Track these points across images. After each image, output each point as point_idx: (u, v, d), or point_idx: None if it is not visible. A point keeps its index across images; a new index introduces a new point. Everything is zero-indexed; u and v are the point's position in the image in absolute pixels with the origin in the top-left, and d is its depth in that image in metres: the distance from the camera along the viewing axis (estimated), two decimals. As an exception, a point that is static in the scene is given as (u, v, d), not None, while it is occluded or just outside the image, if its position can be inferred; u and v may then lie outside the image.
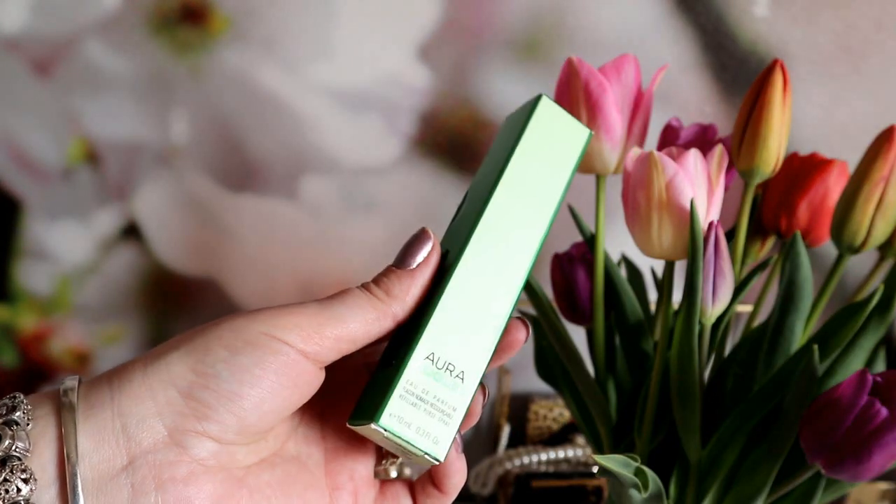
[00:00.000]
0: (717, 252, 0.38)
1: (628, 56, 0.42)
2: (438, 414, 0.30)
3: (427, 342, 0.30)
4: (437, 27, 0.67)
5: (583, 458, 0.69)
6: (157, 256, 0.72)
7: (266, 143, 0.70)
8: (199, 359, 0.28)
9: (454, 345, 0.31)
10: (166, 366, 0.28)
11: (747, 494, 0.41)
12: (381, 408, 0.29)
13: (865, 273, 0.43)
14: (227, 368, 0.28)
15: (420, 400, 0.30)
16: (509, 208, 0.33)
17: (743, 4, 0.67)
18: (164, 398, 0.28)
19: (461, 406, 0.30)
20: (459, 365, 0.31)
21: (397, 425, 0.29)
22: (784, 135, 0.40)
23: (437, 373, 0.30)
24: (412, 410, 0.30)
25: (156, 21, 0.67)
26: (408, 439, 0.30)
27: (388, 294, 0.31)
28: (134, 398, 0.28)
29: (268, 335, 0.29)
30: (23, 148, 0.69)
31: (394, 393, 0.30)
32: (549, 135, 0.34)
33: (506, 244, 0.32)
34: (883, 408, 0.35)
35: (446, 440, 0.30)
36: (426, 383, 0.30)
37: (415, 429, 0.30)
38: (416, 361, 0.30)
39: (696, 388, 0.40)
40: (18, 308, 0.72)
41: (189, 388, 0.28)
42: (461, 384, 0.31)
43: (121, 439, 0.28)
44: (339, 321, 0.30)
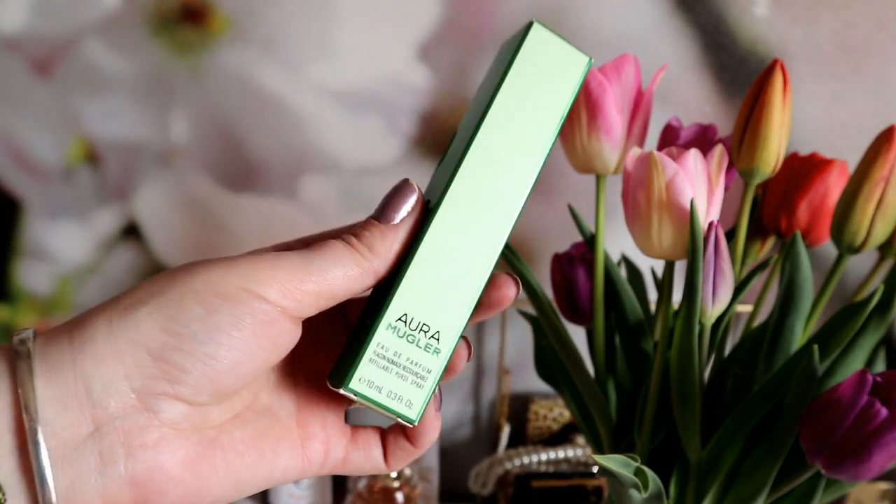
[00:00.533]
0: (717, 252, 0.38)
1: (628, 56, 0.42)
2: (411, 377, 0.29)
3: (399, 303, 0.29)
4: (437, 27, 0.67)
5: (583, 458, 0.69)
6: (157, 256, 0.72)
7: (266, 143, 0.70)
8: (172, 316, 0.26)
9: (429, 304, 0.29)
10: (134, 323, 0.26)
11: (747, 494, 0.41)
12: (350, 372, 0.29)
13: (865, 273, 0.43)
14: (202, 328, 0.26)
15: (391, 363, 0.29)
16: (494, 152, 0.30)
17: (743, 4, 0.67)
18: (132, 360, 0.26)
19: (436, 368, 0.29)
20: (434, 325, 0.29)
21: (367, 389, 0.29)
22: (784, 135, 0.40)
23: (410, 334, 0.29)
24: (383, 374, 0.29)
25: (156, 21, 0.67)
26: (380, 402, 0.29)
27: (371, 250, 0.29)
28: (98, 359, 0.26)
29: (246, 290, 0.27)
30: (23, 148, 0.69)
31: (363, 357, 0.29)
32: (541, 65, 0.31)
33: (489, 192, 0.30)
34: (883, 408, 0.35)
35: (420, 402, 0.29)
36: (398, 345, 0.29)
37: (386, 392, 0.29)
38: (387, 323, 0.29)
39: (696, 388, 0.40)
40: (18, 308, 0.72)
41: (160, 350, 0.26)
42: (436, 344, 0.29)
43: (85, 404, 0.25)
44: (321, 276, 0.28)
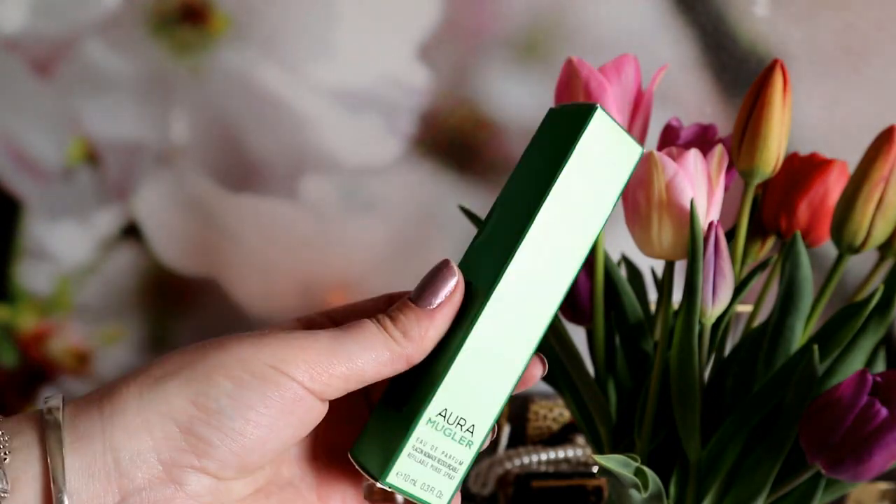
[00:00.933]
0: (717, 252, 0.38)
1: (628, 56, 0.42)
2: (445, 469, 0.29)
3: (441, 398, 0.28)
4: (437, 27, 0.67)
5: (583, 458, 0.69)
6: (157, 256, 0.72)
7: (266, 143, 0.70)
8: (201, 391, 0.27)
9: (469, 399, 0.29)
10: (164, 396, 0.26)
11: (747, 494, 0.41)
12: (389, 466, 0.28)
13: (865, 273, 0.43)
14: (230, 404, 0.27)
15: (428, 457, 0.29)
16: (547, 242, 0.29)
17: (743, 4, 0.67)
18: (161, 433, 0.26)
19: (468, 460, 0.29)
20: (471, 419, 0.29)
21: (403, 483, 0.28)
22: (784, 135, 0.40)
23: (448, 428, 0.29)
24: (419, 468, 0.29)
25: (156, 21, 0.67)
26: (413, 494, 0.29)
27: (405, 335, 0.29)
28: (128, 431, 0.26)
29: (275, 369, 0.27)
30: (23, 148, 0.69)
31: (402, 451, 0.28)
32: (600, 154, 0.30)
33: (538, 283, 0.29)
34: (883, 408, 0.35)
35: (449, 493, 0.29)
36: (436, 440, 0.29)
37: (420, 485, 0.29)
38: (428, 418, 0.28)
39: (696, 388, 0.40)
40: (18, 308, 0.72)
41: (189, 423, 0.26)
42: (470, 437, 0.29)
43: (112, 475, 0.26)
44: (350, 360, 0.28)
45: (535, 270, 0.29)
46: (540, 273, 0.29)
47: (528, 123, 0.70)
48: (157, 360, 0.28)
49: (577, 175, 0.29)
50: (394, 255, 0.72)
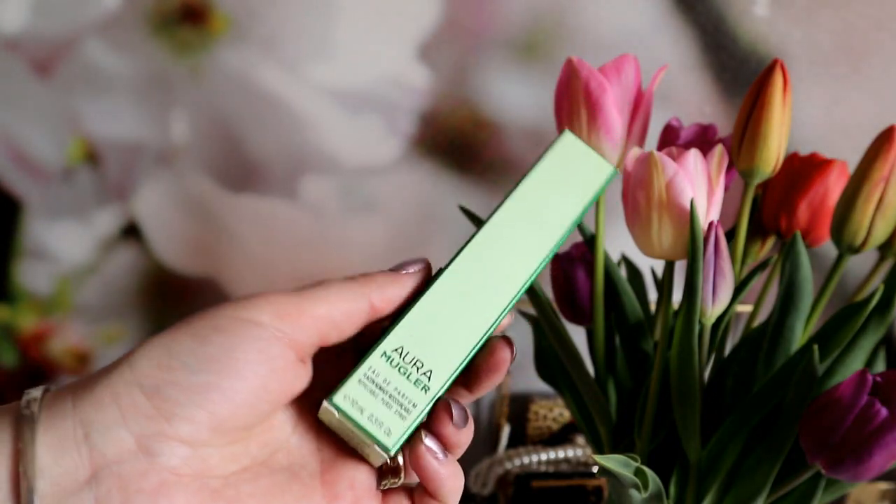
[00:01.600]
0: (717, 252, 0.38)
1: (628, 56, 0.42)
2: (396, 406, 0.30)
3: (398, 335, 0.31)
4: (437, 27, 0.67)
5: (583, 458, 0.69)
6: (157, 256, 0.72)
7: (266, 143, 0.70)
8: (164, 351, 0.26)
9: (425, 344, 0.31)
10: (129, 365, 0.26)
11: (747, 494, 0.41)
12: (337, 389, 0.29)
13: (865, 273, 0.43)
14: (194, 359, 0.26)
15: (379, 388, 0.30)
16: (510, 227, 0.33)
17: (743, 4, 0.67)
18: (128, 401, 0.26)
19: (422, 403, 0.30)
20: (428, 363, 0.31)
21: (350, 408, 0.29)
22: (784, 135, 0.40)
23: (403, 366, 0.30)
24: (368, 397, 0.30)
25: (156, 21, 0.67)
26: (359, 423, 0.29)
27: (368, 279, 0.30)
28: (96, 404, 0.26)
29: (239, 318, 0.27)
30: (23, 148, 0.69)
31: (353, 376, 0.30)
32: (567, 167, 0.35)
33: (499, 261, 0.32)
34: (883, 408, 0.35)
35: (398, 433, 0.30)
36: (389, 374, 0.30)
37: (367, 415, 0.29)
38: (383, 351, 0.30)
39: (696, 388, 0.40)
40: (18, 308, 0.72)
41: (155, 386, 0.26)
42: (426, 381, 0.30)
43: (83, 450, 0.25)
44: (315, 299, 0.29)
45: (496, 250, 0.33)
46: (501, 254, 0.33)
47: (528, 123, 0.70)
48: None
49: (542, 182, 0.34)
50: (394, 255, 0.72)
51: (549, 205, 0.34)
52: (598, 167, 0.35)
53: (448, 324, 0.31)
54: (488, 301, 0.32)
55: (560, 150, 0.35)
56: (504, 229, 0.33)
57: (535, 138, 0.70)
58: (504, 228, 0.33)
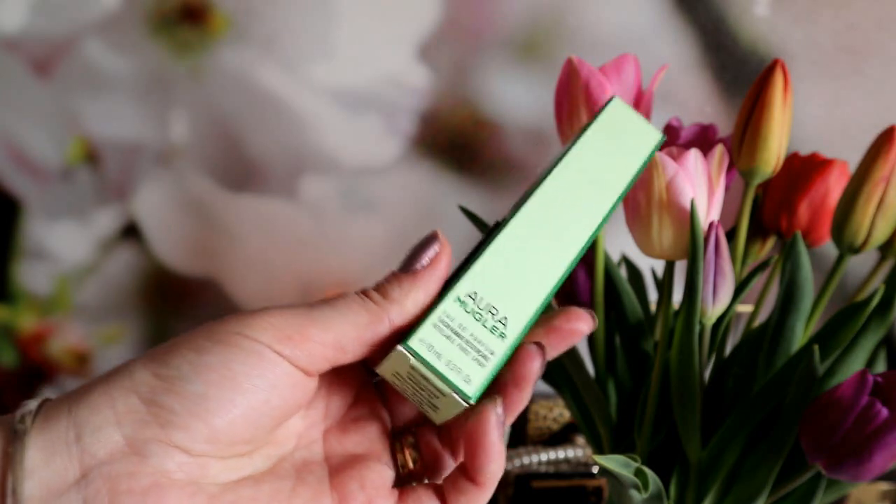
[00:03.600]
0: (718, 252, 0.38)
1: (628, 56, 0.42)
2: (473, 353, 0.28)
3: (471, 280, 0.29)
4: (437, 27, 0.67)
5: (583, 458, 0.69)
6: (157, 256, 0.72)
7: (266, 143, 0.70)
8: (163, 361, 0.26)
9: (499, 290, 0.29)
10: (128, 373, 0.26)
11: (748, 495, 0.41)
12: (412, 332, 0.27)
13: (866, 273, 0.43)
14: (192, 369, 0.26)
15: (455, 334, 0.28)
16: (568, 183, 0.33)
17: (743, 4, 0.67)
18: (123, 406, 0.25)
19: (499, 351, 0.28)
20: (503, 310, 0.29)
21: (427, 352, 0.27)
22: (784, 135, 0.40)
23: (478, 312, 0.29)
24: (445, 342, 0.28)
25: (155, 21, 0.67)
26: (437, 369, 0.27)
27: (385, 297, 0.28)
28: (91, 407, 0.25)
29: (240, 334, 0.26)
30: (23, 148, 0.69)
31: (428, 320, 0.28)
32: (617, 133, 0.35)
33: (562, 214, 0.32)
34: (883, 408, 0.35)
35: (479, 381, 0.28)
36: (464, 319, 0.28)
37: (445, 360, 0.27)
38: (456, 296, 0.29)
39: (696, 389, 0.40)
40: (18, 308, 0.72)
41: (151, 393, 0.26)
42: (502, 328, 0.29)
43: (73, 450, 0.25)
44: (324, 323, 0.27)
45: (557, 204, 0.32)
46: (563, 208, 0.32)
47: (528, 123, 0.70)
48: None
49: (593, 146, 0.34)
50: (393, 255, 0.72)
51: (602, 166, 0.33)
52: (647, 133, 0.35)
53: (519, 271, 0.30)
54: (556, 252, 0.31)
55: (609, 115, 0.35)
56: (565, 183, 0.32)
57: (535, 138, 0.70)
58: (565, 182, 0.32)
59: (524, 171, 0.70)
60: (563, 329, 0.30)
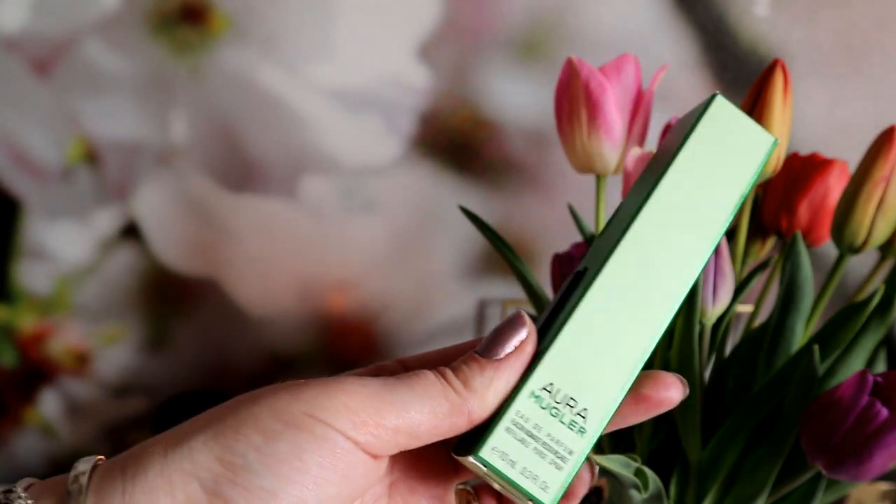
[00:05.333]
0: (718, 252, 0.38)
1: (628, 56, 0.42)
2: (551, 455, 0.26)
3: (545, 370, 0.26)
4: (437, 27, 0.67)
5: (583, 459, 0.69)
6: (157, 256, 0.72)
7: (266, 143, 0.70)
8: (227, 445, 0.24)
9: (578, 377, 0.26)
10: (189, 452, 0.24)
11: (748, 495, 0.41)
12: (483, 440, 0.25)
13: (866, 273, 0.43)
14: (259, 459, 0.24)
15: (530, 436, 0.26)
16: (664, 224, 0.27)
17: (743, 4, 0.67)
18: (183, 495, 0.24)
19: (579, 449, 0.26)
20: (582, 401, 0.26)
21: (500, 462, 0.25)
22: (785, 135, 0.40)
23: (554, 407, 0.26)
24: (519, 447, 0.25)
25: (155, 21, 0.67)
26: (512, 479, 0.25)
27: (467, 386, 0.26)
28: (148, 492, 0.24)
29: (312, 417, 0.24)
30: (22, 148, 0.69)
31: (500, 424, 0.25)
32: (722, 142, 0.28)
33: (654, 268, 0.27)
34: (883, 408, 0.35)
35: (557, 486, 0.26)
36: (540, 418, 0.26)
37: (520, 469, 0.25)
38: (530, 391, 0.26)
39: (696, 389, 0.40)
40: (18, 308, 0.72)
41: (214, 483, 0.24)
42: (582, 422, 0.26)
43: None
44: (402, 409, 0.25)
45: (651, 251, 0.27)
46: (656, 256, 0.27)
47: (528, 123, 0.70)
48: (191, 419, 0.26)
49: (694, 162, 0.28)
50: (393, 255, 0.72)
51: (703, 192, 0.28)
52: (757, 137, 0.29)
53: (601, 348, 0.26)
54: (646, 314, 0.27)
55: (711, 121, 0.29)
56: (656, 227, 0.27)
57: (535, 138, 0.70)
58: (656, 225, 0.27)
59: (524, 171, 0.70)
60: (653, 399, 0.27)
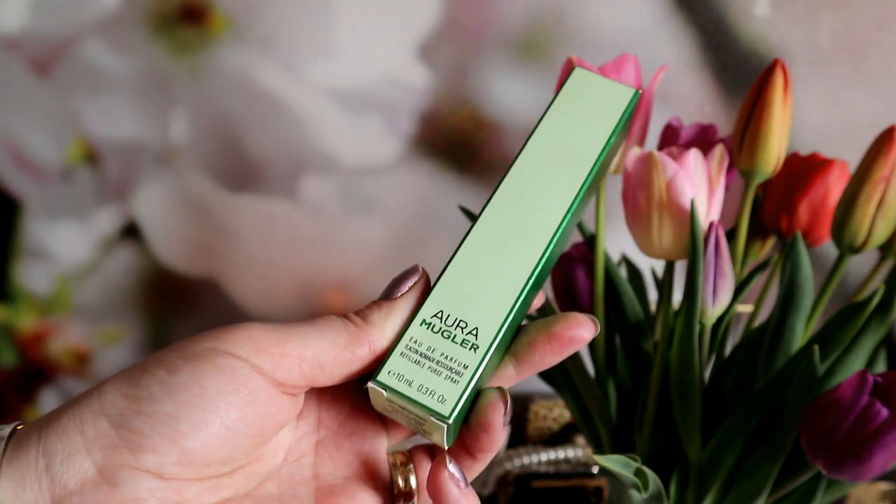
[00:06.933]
0: (718, 252, 0.38)
1: (628, 56, 0.42)
2: (446, 371, 0.28)
3: (435, 300, 0.29)
4: (437, 27, 0.67)
5: (583, 458, 0.69)
6: (157, 256, 0.72)
7: (266, 143, 0.70)
8: (134, 382, 0.25)
9: (466, 302, 0.29)
10: (98, 395, 0.25)
11: (748, 495, 0.41)
12: (381, 366, 0.28)
13: (866, 273, 0.43)
14: (162, 389, 0.25)
15: (424, 357, 0.28)
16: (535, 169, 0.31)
17: (743, 4, 0.67)
18: (93, 430, 0.24)
19: (473, 363, 0.28)
20: (472, 321, 0.28)
21: (397, 382, 0.27)
22: (784, 135, 0.40)
23: (445, 330, 0.28)
24: (414, 368, 0.28)
25: (155, 21, 0.67)
26: (410, 396, 0.27)
27: (366, 320, 0.28)
28: (60, 433, 0.25)
29: (214, 349, 0.25)
30: (22, 148, 0.69)
31: (395, 351, 0.28)
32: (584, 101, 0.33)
33: (531, 205, 0.30)
34: (883, 408, 0.35)
35: (454, 398, 0.27)
36: (432, 340, 0.28)
37: (416, 386, 0.27)
38: (421, 319, 0.28)
39: (696, 389, 0.40)
40: (18, 308, 0.72)
41: (120, 416, 0.25)
42: (474, 340, 0.28)
43: (44, 480, 0.24)
44: (303, 339, 0.26)
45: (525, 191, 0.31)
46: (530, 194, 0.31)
47: (528, 123, 0.70)
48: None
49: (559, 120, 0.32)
50: (393, 255, 0.72)
51: (572, 140, 0.32)
52: (618, 93, 0.33)
53: (486, 277, 0.29)
54: (525, 247, 0.30)
55: (573, 85, 0.33)
56: (529, 172, 0.31)
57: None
58: (529, 171, 0.31)
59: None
60: (565, 336, 0.29)
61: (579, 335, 0.29)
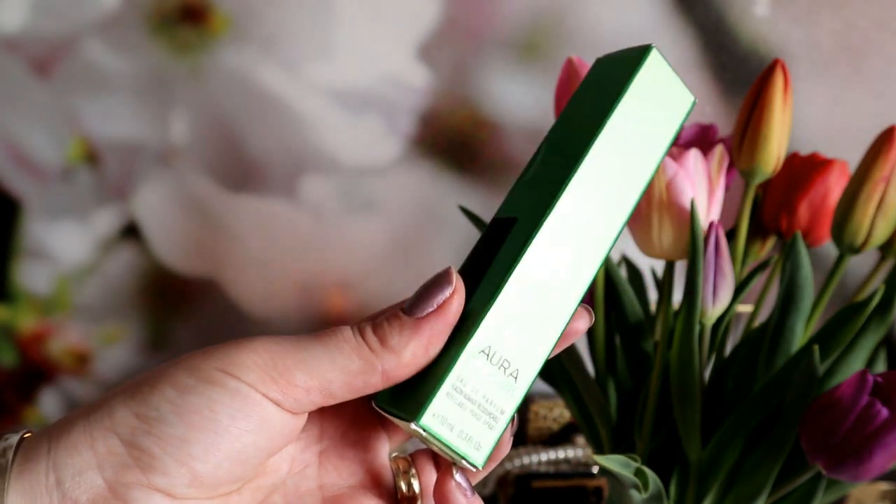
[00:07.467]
0: (718, 252, 0.38)
1: (628, 56, 0.41)
2: (485, 416, 0.26)
3: (485, 333, 0.26)
4: (437, 27, 0.67)
5: (583, 458, 0.69)
6: (157, 256, 0.72)
7: (266, 143, 0.70)
8: (144, 400, 0.25)
9: (512, 338, 0.26)
10: (109, 411, 0.25)
11: (748, 495, 0.41)
12: (425, 406, 0.26)
13: (866, 273, 0.43)
14: (172, 410, 0.25)
15: (468, 399, 0.26)
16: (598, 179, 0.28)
17: (743, 4, 0.67)
18: (104, 447, 0.24)
19: (509, 408, 0.27)
20: (515, 362, 0.27)
21: (439, 427, 0.26)
22: (784, 135, 0.40)
23: (490, 369, 0.26)
24: (457, 411, 0.26)
25: (155, 21, 0.67)
26: (448, 443, 0.26)
27: (384, 343, 0.26)
28: (71, 449, 0.24)
29: (224, 372, 0.25)
30: (22, 148, 0.69)
31: (440, 390, 0.26)
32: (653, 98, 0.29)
33: (583, 227, 0.27)
34: (883, 408, 0.35)
35: (488, 445, 0.27)
36: (477, 380, 0.26)
37: (457, 432, 0.26)
38: (470, 355, 0.26)
39: (696, 389, 0.40)
40: (18, 308, 0.72)
41: (131, 435, 0.25)
42: (514, 384, 0.27)
43: (54, 496, 0.24)
44: (313, 367, 0.26)
45: (584, 210, 0.28)
46: (589, 213, 0.28)
47: (528, 123, 0.70)
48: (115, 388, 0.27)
49: (629, 115, 0.28)
50: (393, 255, 0.72)
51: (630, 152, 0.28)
52: (681, 96, 0.30)
53: (533, 308, 0.27)
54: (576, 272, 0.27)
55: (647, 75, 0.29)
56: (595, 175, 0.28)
57: (535, 138, 0.70)
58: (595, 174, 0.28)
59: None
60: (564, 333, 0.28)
61: (575, 327, 0.28)
